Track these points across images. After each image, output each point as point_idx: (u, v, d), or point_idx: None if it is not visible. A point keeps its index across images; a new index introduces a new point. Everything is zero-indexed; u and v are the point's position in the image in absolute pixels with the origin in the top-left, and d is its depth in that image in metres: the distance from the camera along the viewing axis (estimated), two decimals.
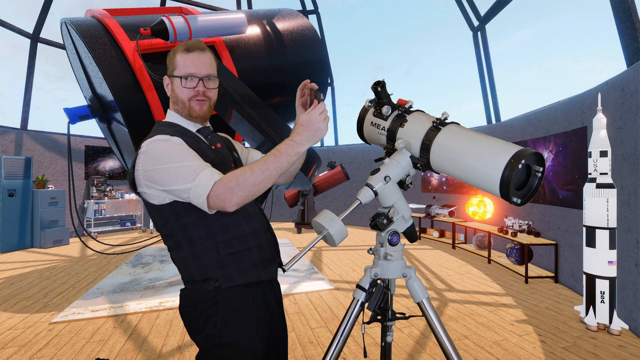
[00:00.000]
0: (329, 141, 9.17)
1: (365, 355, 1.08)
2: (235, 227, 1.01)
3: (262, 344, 1.01)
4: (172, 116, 1.10)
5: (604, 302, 2.61)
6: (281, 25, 4.04)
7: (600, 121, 2.68)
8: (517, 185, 0.92)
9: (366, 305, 1.08)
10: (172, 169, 0.91)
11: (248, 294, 1.01)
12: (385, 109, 1.09)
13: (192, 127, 1.09)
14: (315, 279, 4.00)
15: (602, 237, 2.62)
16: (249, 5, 8.29)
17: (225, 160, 1.08)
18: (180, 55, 1.05)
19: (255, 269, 1.02)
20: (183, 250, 1.00)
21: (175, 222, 0.99)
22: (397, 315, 1.14)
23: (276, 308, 1.11)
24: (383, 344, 1.18)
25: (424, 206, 6.58)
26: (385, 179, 1.02)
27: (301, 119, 0.93)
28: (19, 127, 6.38)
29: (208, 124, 1.14)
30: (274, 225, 8.54)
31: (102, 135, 6.03)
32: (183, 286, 1.04)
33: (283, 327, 1.15)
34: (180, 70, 1.04)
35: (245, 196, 0.89)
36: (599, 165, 2.65)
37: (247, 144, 4.07)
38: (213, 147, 1.09)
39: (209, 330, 0.96)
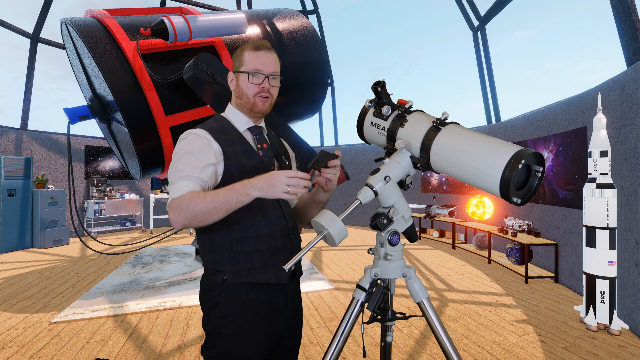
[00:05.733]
0: (329, 141, 9.17)
1: (364, 355, 1.08)
2: (252, 227, 1.05)
3: (256, 342, 1.03)
4: (230, 111, 1.15)
5: (604, 302, 2.61)
6: (281, 25, 4.04)
7: (600, 121, 2.68)
8: (517, 185, 0.92)
9: (366, 305, 1.07)
10: (173, 166, 1.00)
11: (250, 293, 1.04)
12: (385, 109, 1.09)
13: (245, 123, 1.13)
14: (315, 279, 4.00)
15: (602, 237, 2.62)
16: (249, 5, 8.29)
17: (261, 166, 1.08)
18: (248, 52, 1.09)
19: (264, 271, 1.05)
20: (204, 238, 1.07)
21: None
22: (397, 315, 1.14)
23: (284, 311, 1.11)
24: (383, 344, 1.18)
25: (424, 206, 6.58)
26: (385, 179, 1.02)
27: (275, 173, 0.92)
28: (19, 127, 6.38)
29: (262, 123, 1.18)
30: None
31: (102, 135, 6.03)
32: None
33: (294, 329, 1.17)
34: (248, 66, 1.08)
35: (190, 220, 0.91)
36: (599, 165, 2.65)
37: None
38: (259, 146, 1.13)
39: (212, 318, 1.03)
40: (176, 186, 0.96)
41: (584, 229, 2.74)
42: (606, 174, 2.64)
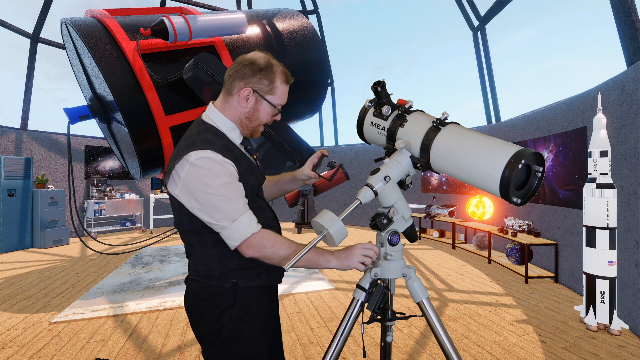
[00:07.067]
0: (328, 141, 9.17)
1: (364, 355, 1.08)
2: None
3: (267, 342, 1.08)
4: (224, 123, 1.05)
5: (604, 302, 2.61)
6: (281, 25, 4.04)
7: (600, 121, 2.68)
8: (517, 185, 0.92)
9: (366, 305, 1.08)
10: (217, 200, 0.92)
11: (264, 294, 1.08)
12: (385, 109, 1.09)
13: (238, 138, 1.08)
14: (315, 279, 3.99)
15: (602, 237, 2.62)
16: (249, 5, 8.29)
17: (262, 178, 1.13)
18: (281, 84, 1.05)
19: (269, 274, 1.08)
20: (208, 249, 1.03)
21: (205, 224, 0.99)
22: (397, 315, 1.14)
23: (276, 308, 1.21)
24: (383, 344, 1.18)
25: (424, 206, 6.58)
26: (385, 179, 1.02)
27: (352, 246, 1.02)
28: (19, 127, 6.38)
29: None
30: None
31: (102, 135, 6.03)
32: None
33: (279, 324, 1.26)
34: (278, 99, 1.06)
35: (263, 256, 0.97)
36: (599, 165, 2.65)
37: None
38: (254, 157, 1.14)
39: (224, 322, 1.00)
40: (241, 223, 0.94)
41: (584, 229, 2.74)
42: (606, 174, 2.63)
